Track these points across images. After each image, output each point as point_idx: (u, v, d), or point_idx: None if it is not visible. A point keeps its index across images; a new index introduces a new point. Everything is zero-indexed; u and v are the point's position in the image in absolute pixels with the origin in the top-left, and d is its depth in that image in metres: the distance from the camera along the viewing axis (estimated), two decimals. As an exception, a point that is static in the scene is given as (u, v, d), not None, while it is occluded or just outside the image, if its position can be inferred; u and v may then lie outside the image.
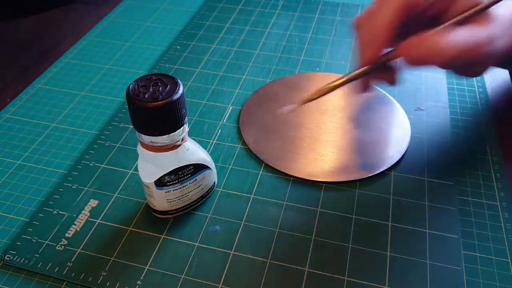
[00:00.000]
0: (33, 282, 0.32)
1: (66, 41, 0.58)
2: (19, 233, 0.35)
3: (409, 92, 0.48)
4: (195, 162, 0.33)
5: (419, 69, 0.34)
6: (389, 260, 0.33)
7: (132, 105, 0.29)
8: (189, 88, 0.49)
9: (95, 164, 0.40)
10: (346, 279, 0.32)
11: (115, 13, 0.63)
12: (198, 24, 0.59)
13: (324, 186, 0.38)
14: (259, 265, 0.33)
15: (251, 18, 0.61)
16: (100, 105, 0.47)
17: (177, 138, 0.31)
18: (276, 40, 0.56)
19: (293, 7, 0.63)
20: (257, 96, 0.47)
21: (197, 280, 0.32)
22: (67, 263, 0.33)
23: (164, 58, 0.53)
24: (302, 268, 0.33)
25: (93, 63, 0.53)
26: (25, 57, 0.56)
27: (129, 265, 0.33)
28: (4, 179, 0.39)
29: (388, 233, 0.35)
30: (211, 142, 0.42)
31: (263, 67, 0.52)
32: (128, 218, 0.36)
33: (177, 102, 0.29)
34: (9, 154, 0.42)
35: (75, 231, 0.35)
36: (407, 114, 0.45)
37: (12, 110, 0.47)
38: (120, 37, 0.58)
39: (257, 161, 0.41)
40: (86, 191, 0.38)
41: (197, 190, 0.35)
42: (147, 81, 0.30)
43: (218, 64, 0.52)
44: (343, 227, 0.35)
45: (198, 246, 0.34)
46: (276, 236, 0.35)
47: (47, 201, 0.37)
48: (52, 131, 0.44)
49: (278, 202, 0.37)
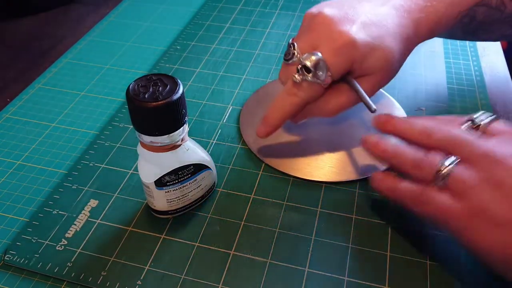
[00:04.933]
0: (33, 282, 0.32)
1: (66, 41, 0.58)
2: (19, 233, 0.35)
3: (409, 92, 0.48)
4: (195, 162, 0.33)
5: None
6: (389, 260, 0.33)
7: (132, 105, 0.29)
8: (189, 88, 0.49)
9: (95, 164, 0.40)
10: (346, 279, 0.32)
11: (115, 13, 0.63)
12: (198, 24, 0.59)
13: (324, 186, 0.38)
14: (259, 265, 0.33)
15: (251, 18, 0.61)
16: (100, 105, 0.47)
17: (177, 138, 0.31)
18: (276, 40, 0.56)
19: (293, 7, 0.63)
20: (257, 96, 0.47)
21: (197, 280, 0.32)
22: (67, 263, 0.33)
23: (164, 58, 0.53)
24: (302, 268, 0.33)
25: (93, 63, 0.53)
26: (25, 57, 0.56)
27: (129, 265, 0.33)
28: (4, 179, 0.39)
29: (388, 233, 0.35)
30: (211, 142, 0.42)
31: (263, 67, 0.52)
32: (128, 218, 0.36)
33: (177, 102, 0.29)
34: (9, 154, 0.42)
35: (75, 231, 0.35)
36: (407, 114, 0.45)
37: (12, 110, 0.47)
38: (120, 37, 0.58)
39: (257, 161, 0.41)
40: (86, 191, 0.38)
41: (197, 190, 0.35)
42: (147, 81, 0.30)
43: (218, 64, 0.52)
44: (343, 227, 0.35)
45: (198, 246, 0.34)
46: (276, 236, 0.35)
47: (47, 201, 0.37)
48: (52, 131, 0.44)
49: (278, 202, 0.37)
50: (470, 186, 0.28)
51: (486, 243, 0.28)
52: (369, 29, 0.35)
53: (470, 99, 0.47)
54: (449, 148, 0.31)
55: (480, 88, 0.49)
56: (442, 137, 0.31)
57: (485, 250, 0.28)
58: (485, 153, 0.29)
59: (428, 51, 0.54)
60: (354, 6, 0.37)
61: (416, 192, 0.31)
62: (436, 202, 0.29)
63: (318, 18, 0.36)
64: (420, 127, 0.33)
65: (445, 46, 0.55)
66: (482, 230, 0.28)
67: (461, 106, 0.46)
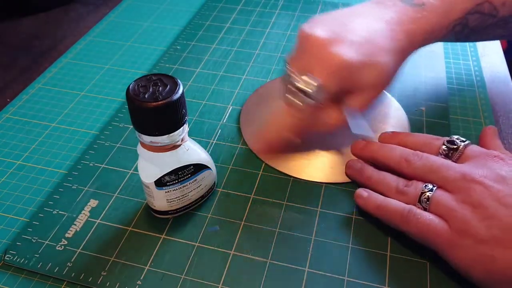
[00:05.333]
0: (33, 282, 0.32)
1: (66, 41, 0.58)
2: (19, 233, 0.35)
3: (409, 92, 0.48)
4: (195, 162, 0.33)
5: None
6: (389, 260, 0.33)
7: (132, 105, 0.29)
8: (189, 88, 0.49)
9: (95, 164, 0.40)
10: (346, 279, 0.32)
11: (115, 13, 0.63)
12: (198, 24, 0.59)
13: (324, 186, 0.38)
14: (259, 265, 0.33)
15: (251, 18, 0.61)
16: (100, 105, 0.47)
17: (177, 138, 0.31)
18: (276, 40, 0.56)
19: (293, 7, 0.63)
20: (257, 96, 0.47)
21: (197, 280, 0.32)
22: (67, 263, 0.33)
23: (164, 58, 0.53)
24: (302, 268, 0.33)
25: (93, 63, 0.53)
26: (25, 57, 0.56)
27: (129, 265, 0.33)
28: (4, 179, 0.39)
29: (388, 233, 0.35)
30: (211, 142, 0.42)
31: (263, 67, 0.52)
32: (128, 218, 0.36)
33: (177, 102, 0.29)
34: (9, 154, 0.42)
35: (75, 231, 0.35)
36: (407, 114, 0.45)
37: (12, 110, 0.47)
38: (120, 37, 0.58)
39: (257, 161, 0.41)
40: (86, 191, 0.38)
41: (197, 190, 0.35)
42: (147, 81, 0.30)
43: (218, 64, 0.52)
44: (343, 227, 0.35)
45: (198, 246, 0.34)
46: (276, 236, 0.35)
47: (47, 201, 0.37)
48: (52, 131, 0.44)
49: (278, 202, 0.37)
50: (451, 208, 0.31)
51: (469, 259, 0.30)
52: (361, 47, 0.36)
53: (470, 99, 0.47)
54: (428, 174, 0.33)
55: (480, 88, 0.49)
56: (421, 165, 0.34)
57: (469, 266, 0.30)
58: (462, 176, 0.32)
59: (428, 51, 0.54)
60: (345, 23, 0.37)
61: (403, 211, 0.32)
62: (423, 221, 0.31)
63: (311, 40, 0.36)
64: (398, 155, 0.36)
65: (445, 46, 0.55)
66: (465, 247, 0.30)
67: (461, 106, 0.46)
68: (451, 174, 0.32)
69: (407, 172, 0.34)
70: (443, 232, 0.30)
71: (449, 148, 0.35)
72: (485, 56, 0.54)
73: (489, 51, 0.55)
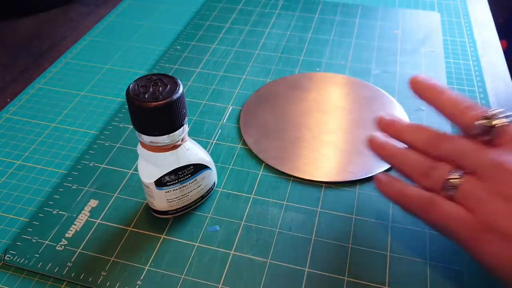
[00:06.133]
0: (33, 282, 0.32)
1: (66, 41, 0.58)
2: (19, 233, 0.35)
3: (409, 92, 0.48)
4: (195, 162, 0.33)
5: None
6: (389, 260, 0.33)
7: (132, 105, 0.29)
8: (189, 88, 0.49)
9: (95, 164, 0.40)
10: (346, 279, 0.32)
11: (115, 13, 0.63)
12: (198, 24, 0.59)
13: (324, 186, 0.38)
14: (259, 265, 0.33)
15: (251, 18, 0.61)
16: (100, 105, 0.47)
17: (177, 138, 0.31)
18: (276, 40, 0.56)
19: (293, 7, 0.63)
20: (257, 96, 0.47)
21: (197, 280, 0.32)
22: (67, 263, 0.33)
23: (164, 58, 0.53)
24: (302, 268, 0.33)
25: (93, 63, 0.53)
26: (25, 57, 0.56)
27: (129, 265, 0.33)
28: (4, 179, 0.39)
29: (388, 233, 0.35)
30: (211, 142, 0.42)
31: (263, 67, 0.52)
32: (128, 218, 0.36)
33: (177, 102, 0.29)
34: (9, 154, 0.42)
35: (75, 231, 0.35)
36: (407, 114, 0.45)
37: (12, 110, 0.47)
38: (120, 37, 0.58)
39: (257, 161, 0.41)
40: (86, 191, 0.38)
41: (197, 190, 0.35)
42: (147, 81, 0.30)
43: (218, 64, 0.52)
44: (343, 227, 0.35)
45: (198, 246, 0.34)
46: (276, 236, 0.35)
47: (47, 201, 0.37)
48: (52, 131, 0.44)
49: (278, 202, 0.37)
50: (480, 199, 0.28)
51: (495, 257, 0.27)
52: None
53: (470, 99, 0.47)
54: (457, 158, 0.30)
55: (480, 88, 0.49)
56: (450, 148, 0.30)
57: (494, 264, 0.27)
58: (495, 165, 0.28)
59: (428, 51, 0.54)
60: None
61: (426, 199, 0.29)
62: (446, 211, 0.28)
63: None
64: (427, 135, 0.32)
65: (445, 46, 0.55)
66: (492, 244, 0.27)
67: (461, 106, 0.46)
68: (484, 160, 0.28)
69: (434, 153, 0.31)
70: (469, 224, 0.27)
71: (489, 119, 0.30)
72: (485, 56, 0.54)
73: (489, 51, 0.55)
